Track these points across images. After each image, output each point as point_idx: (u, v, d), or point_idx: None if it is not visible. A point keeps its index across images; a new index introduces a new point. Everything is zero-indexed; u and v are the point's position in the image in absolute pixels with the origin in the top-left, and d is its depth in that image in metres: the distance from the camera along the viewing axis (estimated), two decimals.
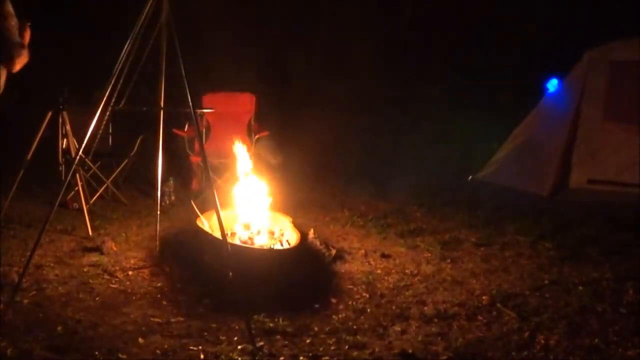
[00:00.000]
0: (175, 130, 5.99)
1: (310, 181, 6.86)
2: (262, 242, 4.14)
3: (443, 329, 3.29)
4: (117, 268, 4.07)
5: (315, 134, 7.57)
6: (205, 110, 6.12)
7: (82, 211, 4.89)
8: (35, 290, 3.62)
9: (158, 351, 2.95)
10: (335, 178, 7.15)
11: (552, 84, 6.98)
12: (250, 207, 4.40)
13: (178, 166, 6.21)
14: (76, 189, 5.08)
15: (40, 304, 3.43)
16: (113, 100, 3.93)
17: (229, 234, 3.95)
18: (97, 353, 2.89)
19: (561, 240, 4.90)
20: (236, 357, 2.92)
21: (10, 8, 3.51)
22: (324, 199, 6.31)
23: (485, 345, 3.11)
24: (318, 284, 3.97)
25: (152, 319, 3.34)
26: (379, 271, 4.23)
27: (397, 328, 3.30)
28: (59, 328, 3.14)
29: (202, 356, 2.93)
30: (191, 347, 3.00)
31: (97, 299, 3.59)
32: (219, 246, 3.52)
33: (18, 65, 3.52)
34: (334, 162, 7.66)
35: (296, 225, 4.42)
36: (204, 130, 6.17)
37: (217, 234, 3.77)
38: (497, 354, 3.01)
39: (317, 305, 3.59)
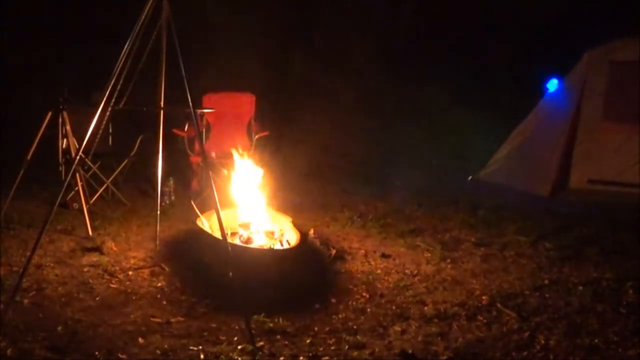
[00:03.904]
0: (175, 130, 5.99)
1: (311, 181, 6.85)
2: (262, 242, 4.14)
3: (443, 329, 3.29)
4: (117, 268, 4.07)
5: (315, 134, 7.59)
6: (205, 110, 6.12)
7: (82, 211, 4.89)
8: (35, 290, 3.62)
9: (158, 351, 2.95)
10: (335, 178, 7.15)
11: (552, 84, 6.99)
12: (250, 207, 4.40)
13: (178, 166, 6.20)
14: (76, 189, 5.08)
15: (40, 304, 3.43)
16: (113, 100, 3.93)
17: (229, 234, 3.95)
18: (97, 353, 2.89)
19: (561, 240, 4.91)
20: (236, 357, 2.92)
21: None
22: (324, 199, 6.31)
23: (485, 345, 3.11)
24: (318, 284, 3.97)
25: (152, 319, 3.34)
26: (379, 271, 4.22)
27: (397, 328, 3.30)
28: (59, 328, 3.14)
29: (202, 356, 2.93)
30: (191, 347, 3.00)
31: (97, 299, 3.59)
32: (219, 246, 3.52)
33: None
34: (334, 162, 7.66)
35: (296, 225, 4.42)
36: (204, 130, 6.17)
37: (217, 234, 3.77)
38: (497, 354, 3.01)
39: (317, 305, 3.59)
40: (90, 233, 4.76)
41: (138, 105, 4.45)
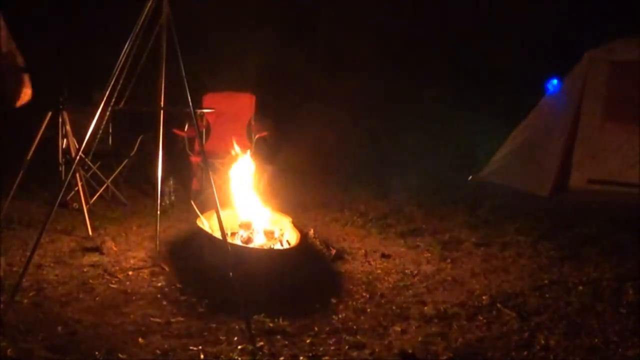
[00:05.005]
0: (175, 130, 5.99)
1: (310, 181, 6.85)
2: (262, 242, 4.14)
3: (443, 329, 3.29)
4: (117, 268, 4.07)
5: (315, 134, 7.58)
6: (205, 110, 6.12)
7: (82, 211, 4.89)
8: (35, 290, 3.62)
9: (158, 351, 2.95)
10: (335, 178, 7.14)
11: (552, 84, 6.98)
12: (250, 207, 4.39)
13: (178, 166, 6.20)
14: (76, 189, 5.08)
15: (40, 304, 3.44)
16: (113, 100, 3.93)
17: (229, 234, 3.95)
18: (97, 353, 2.89)
19: (561, 240, 4.91)
20: (236, 357, 2.92)
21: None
22: (324, 199, 6.31)
23: (485, 345, 3.11)
24: (318, 284, 3.97)
25: (152, 319, 3.34)
26: (379, 271, 4.23)
27: (397, 328, 3.30)
28: (59, 328, 3.14)
29: (202, 356, 2.93)
30: (191, 347, 3.00)
31: (97, 299, 3.59)
32: (219, 246, 3.52)
33: (19, 100, 2.64)
34: (334, 162, 7.65)
35: (296, 225, 4.42)
36: (204, 130, 6.17)
37: (217, 234, 3.77)
38: (497, 354, 3.02)
39: (317, 305, 3.59)
40: (90, 233, 4.77)
41: (138, 105, 4.45)
